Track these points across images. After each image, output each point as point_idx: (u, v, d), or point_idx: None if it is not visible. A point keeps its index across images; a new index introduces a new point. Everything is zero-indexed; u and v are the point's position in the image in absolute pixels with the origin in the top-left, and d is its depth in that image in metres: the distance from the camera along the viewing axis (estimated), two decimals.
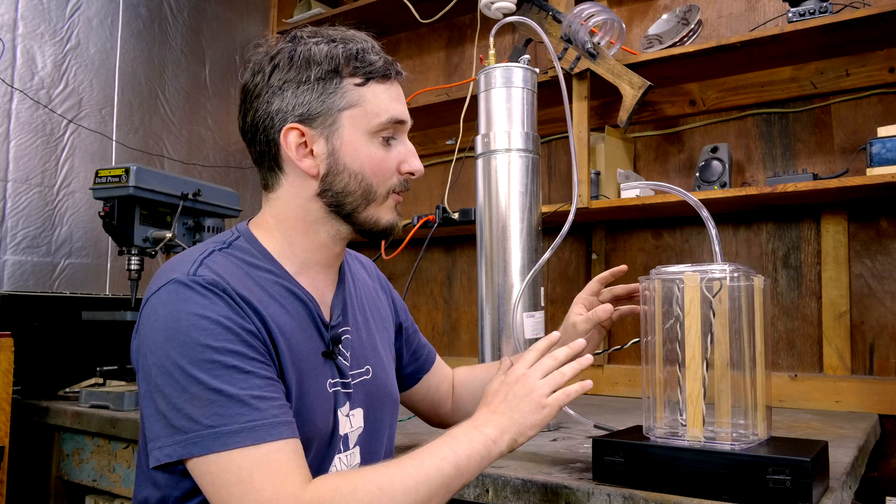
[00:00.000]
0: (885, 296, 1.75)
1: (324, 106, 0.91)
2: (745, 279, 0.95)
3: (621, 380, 2.05)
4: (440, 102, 2.23)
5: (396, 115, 0.95)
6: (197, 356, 0.79)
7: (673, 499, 0.90)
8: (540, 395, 0.91)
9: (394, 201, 0.98)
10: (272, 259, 0.94)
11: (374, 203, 0.95)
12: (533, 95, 1.47)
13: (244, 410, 0.78)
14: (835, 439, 1.29)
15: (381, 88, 0.94)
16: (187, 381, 0.78)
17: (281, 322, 0.89)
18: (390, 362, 1.12)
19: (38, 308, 1.86)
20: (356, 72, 0.92)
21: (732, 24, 1.99)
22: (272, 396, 0.81)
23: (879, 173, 1.55)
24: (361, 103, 0.92)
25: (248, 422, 0.78)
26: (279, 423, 0.80)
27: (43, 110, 2.03)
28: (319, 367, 0.93)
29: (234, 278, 0.87)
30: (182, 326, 0.80)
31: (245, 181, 2.61)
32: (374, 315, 1.11)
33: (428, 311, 2.50)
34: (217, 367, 0.79)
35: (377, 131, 0.93)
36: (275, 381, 0.84)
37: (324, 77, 0.91)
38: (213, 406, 0.78)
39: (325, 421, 0.93)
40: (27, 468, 1.77)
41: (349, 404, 0.98)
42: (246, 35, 2.68)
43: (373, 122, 0.93)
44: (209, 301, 0.82)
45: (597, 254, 2.15)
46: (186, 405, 0.78)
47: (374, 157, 0.94)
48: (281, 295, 0.92)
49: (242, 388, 0.79)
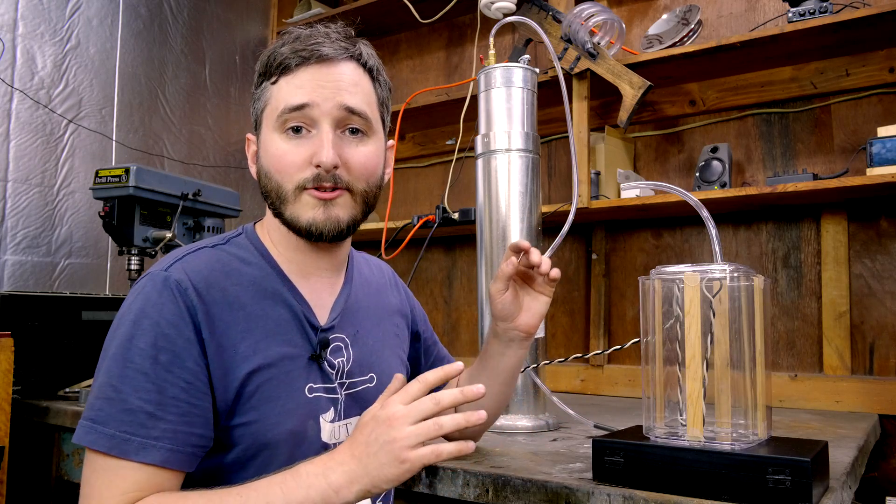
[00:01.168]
0: (885, 296, 1.75)
1: (254, 112, 0.95)
2: (745, 279, 0.95)
3: (621, 380, 2.05)
4: (440, 102, 2.23)
5: (289, 101, 0.88)
6: (123, 352, 0.81)
7: (673, 499, 0.90)
8: (403, 447, 0.74)
9: (311, 197, 0.89)
10: (269, 259, 0.94)
11: (287, 202, 0.90)
12: (533, 95, 1.48)
13: (128, 419, 0.78)
14: (835, 439, 1.29)
15: (287, 80, 0.90)
16: (104, 370, 0.82)
17: (254, 325, 0.87)
18: (400, 371, 1.08)
19: (38, 308, 1.86)
20: (270, 71, 0.92)
21: (732, 24, 1.99)
22: (165, 418, 0.79)
23: (879, 173, 1.55)
24: (271, 101, 0.91)
25: (123, 432, 0.78)
26: (153, 446, 0.78)
27: (43, 110, 2.03)
28: (297, 371, 0.90)
29: (206, 280, 0.86)
30: (126, 320, 0.83)
31: (245, 181, 2.61)
32: (384, 322, 1.08)
33: (428, 311, 2.50)
34: (131, 368, 0.80)
35: (280, 125, 0.89)
36: (182, 403, 0.81)
37: (257, 83, 0.94)
38: (107, 402, 0.80)
39: (301, 426, 0.90)
40: (27, 468, 1.77)
41: (335, 410, 0.95)
42: (246, 35, 2.68)
43: (274, 115, 0.90)
44: (161, 301, 0.83)
45: (597, 254, 2.15)
46: (95, 391, 0.81)
47: (276, 152, 0.90)
48: (262, 296, 0.90)
49: (141, 399, 0.79)
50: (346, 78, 0.90)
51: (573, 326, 2.20)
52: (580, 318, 2.19)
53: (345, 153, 0.90)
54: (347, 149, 0.90)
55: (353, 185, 0.91)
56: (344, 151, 0.90)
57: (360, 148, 0.92)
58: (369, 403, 0.93)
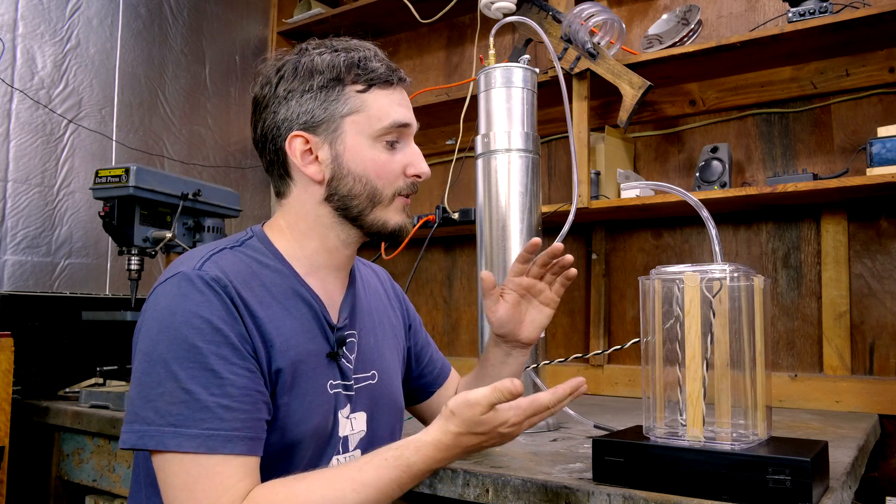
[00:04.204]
0: (885, 296, 1.75)
1: (326, 113, 0.94)
2: (745, 279, 0.95)
3: (621, 380, 2.05)
4: (440, 102, 2.23)
5: (399, 118, 0.96)
6: (181, 353, 0.81)
7: (673, 499, 0.90)
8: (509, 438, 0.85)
9: (401, 203, 0.99)
10: (283, 260, 0.96)
11: (380, 205, 0.97)
12: (533, 95, 1.47)
13: (207, 417, 0.80)
14: (835, 439, 1.29)
15: (383, 94, 0.96)
16: (165, 376, 0.81)
17: (280, 324, 0.90)
18: (397, 370, 1.12)
19: (38, 308, 1.86)
20: (358, 79, 0.95)
21: (732, 24, 1.99)
22: (240, 408, 0.82)
23: (879, 173, 1.55)
24: (364, 109, 0.95)
25: (206, 429, 0.80)
26: (237, 437, 0.81)
27: (43, 110, 2.03)
28: (321, 369, 0.95)
29: (238, 277, 0.89)
30: (176, 321, 0.83)
31: (245, 181, 2.60)
32: (384, 323, 1.12)
33: (428, 311, 2.50)
34: (196, 367, 0.81)
35: (380, 135, 0.95)
36: (250, 391, 0.84)
37: (326, 85, 0.94)
38: (181, 406, 0.80)
39: (325, 421, 0.94)
40: (27, 468, 1.77)
41: (350, 406, 0.99)
42: (246, 35, 2.68)
43: (375, 126, 0.95)
44: (206, 299, 0.84)
45: (597, 254, 2.15)
46: (157, 398, 0.81)
47: (377, 160, 0.95)
48: (286, 296, 0.94)
49: (213, 395, 0.81)
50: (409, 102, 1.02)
51: (573, 326, 2.20)
52: (580, 318, 2.19)
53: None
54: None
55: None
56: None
57: None
58: (372, 401, 1.02)
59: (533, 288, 1.08)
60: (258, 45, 2.71)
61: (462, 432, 0.82)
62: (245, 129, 2.64)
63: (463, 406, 0.82)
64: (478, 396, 0.81)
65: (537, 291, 1.08)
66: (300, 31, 2.70)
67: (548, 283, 1.08)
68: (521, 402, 0.83)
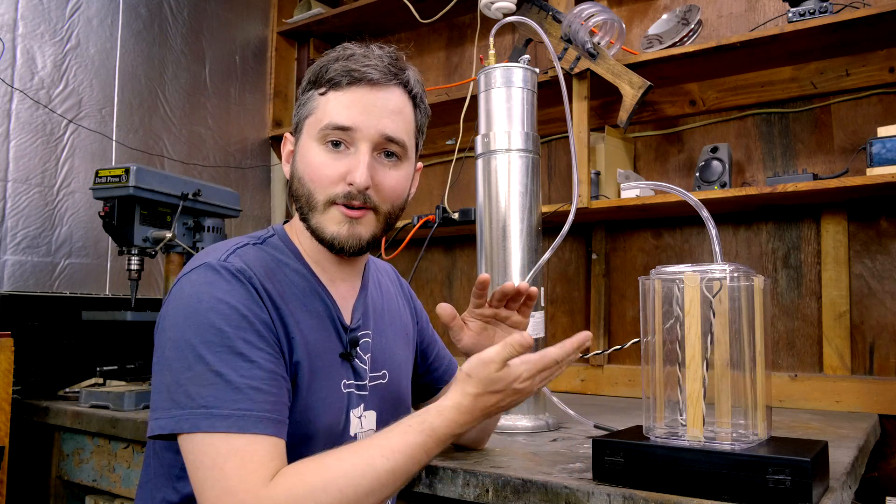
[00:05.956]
0: (885, 296, 1.75)
1: (298, 116, 0.98)
2: (745, 279, 0.95)
3: (621, 380, 2.05)
4: (440, 102, 2.23)
5: (335, 120, 0.92)
6: (209, 337, 0.82)
7: (673, 499, 0.90)
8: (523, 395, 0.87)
9: (339, 213, 0.93)
10: (301, 259, 0.98)
11: (315, 211, 0.94)
12: (533, 95, 1.47)
13: (238, 398, 0.81)
14: (835, 439, 1.29)
15: (337, 95, 0.94)
16: (194, 360, 0.82)
17: (299, 318, 0.92)
18: (407, 369, 1.14)
19: (38, 308, 1.86)
20: (320, 82, 0.96)
21: (732, 24, 1.99)
22: (269, 391, 0.83)
23: (879, 173, 1.55)
24: (316, 111, 0.95)
25: (238, 409, 0.80)
26: (267, 418, 0.82)
27: (43, 110, 2.03)
28: (335, 367, 0.96)
29: (261, 271, 0.90)
30: (202, 307, 0.84)
31: (245, 181, 2.60)
32: (395, 321, 1.13)
33: (428, 311, 2.49)
34: (225, 351, 0.82)
35: (321, 137, 0.94)
36: (277, 376, 0.86)
37: (305, 90, 0.98)
38: (212, 388, 0.80)
39: (336, 420, 0.95)
40: (27, 468, 1.77)
41: (363, 406, 1.00)
42: (246, 35, 2.67)
43: (317, 127, 0.95)
44: (232, 287, 0.86)
45: (597, 254, 2.15)
46: (188, 382, 0.81)
47: (314, 161, 0.94)
48: (304, 293, 0.95)
49: (243, 377, 0.82)
50: (391, 104, 0.94)
51: (573, 326, 2.20)
52: (580, 318, 2.19)
53: (377, 175, 0.94)
54: (381, 171, 0.95)
55: (380, 206, 0.95)
56: (377, 173, 0.94)
57: (391, 172, 0.96)
58: (382, 400, 1.03)
59: (497, 315, 1.05)
60: (258, 45, 2.71)
61: (480, 392, 0.84)
62: (245, 129, 2.64)
63: (478, 366, 0.84)
64: (491, 354, 0.83)
65: (503, 317, 1.06)
66: (300, 31, 2.70)
67: (513, 309, 1.06)
68: (531, 356, 0.85)
